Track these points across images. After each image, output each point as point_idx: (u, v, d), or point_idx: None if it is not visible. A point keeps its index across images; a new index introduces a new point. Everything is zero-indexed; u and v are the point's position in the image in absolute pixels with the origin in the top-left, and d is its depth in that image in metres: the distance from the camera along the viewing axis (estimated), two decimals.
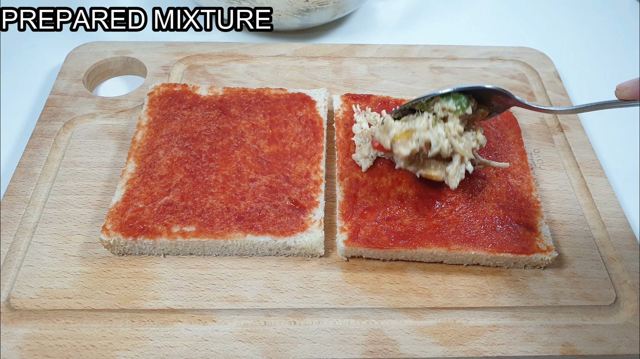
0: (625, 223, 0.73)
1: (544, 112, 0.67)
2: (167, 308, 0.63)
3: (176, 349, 0.60)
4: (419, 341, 0.61)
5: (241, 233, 0.66)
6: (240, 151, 0.74)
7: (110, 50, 0.93)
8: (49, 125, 0.81)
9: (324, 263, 0.68)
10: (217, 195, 0.69)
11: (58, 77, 0.89)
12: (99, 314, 0.62)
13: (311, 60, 0.95)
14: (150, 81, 0.89)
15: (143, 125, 0.78)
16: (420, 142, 0.66)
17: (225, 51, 0.95)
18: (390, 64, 0.95)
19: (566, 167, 0.80)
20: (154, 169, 0.72)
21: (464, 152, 0.66)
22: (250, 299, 0.64)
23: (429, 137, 0.65)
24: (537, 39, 1.07)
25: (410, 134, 0.66)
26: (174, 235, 0.65)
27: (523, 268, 0.68)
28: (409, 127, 0.67)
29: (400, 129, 0.67)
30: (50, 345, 0.59)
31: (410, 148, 0.66)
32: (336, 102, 0.83)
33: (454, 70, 0.94)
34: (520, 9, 1.17)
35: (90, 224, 0.70)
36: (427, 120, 0.66)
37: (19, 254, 0.67)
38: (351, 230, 0.67)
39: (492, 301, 0.65)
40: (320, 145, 0.76)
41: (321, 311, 0.63)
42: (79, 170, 0.76)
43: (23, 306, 0.62)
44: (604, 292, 0.66)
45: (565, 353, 0.61)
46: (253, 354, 0.60)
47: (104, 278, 0.65)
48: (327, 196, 0.74)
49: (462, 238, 0.66)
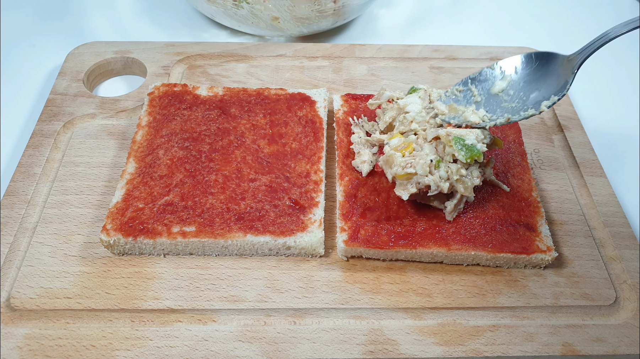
0: (625, 223, 0.73)
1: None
2: (167, 308, 0.63)
3: (176, 349, 0.60)
4: (419, 341, 0.61)
5: (241, 233, 0.66)
6: (240, 151, 0.74)
7: (110, 50, 0.93)
8: (49, 125, 0.81)
9: (324, 263, 0.68)
10: (217, 195, 0.69)
11: (58, 77, 0.89)
12: (99, 314, 0.62)
13: (311, 60, 0.95)
14: (150, 81, 0.89)
15: (143, 125, 0.78)
16: (421, 185, 0.65)
17: (225, 51, 0.95)
18: (390, 64, 0.95)
19: (566, 167, 0.80)
20: (154, 169, 0.72)
21: (465, 193, 0.66)
22: (250, 299, 0.64)
23: (430, 182, 0.65)
24: (537, 39, 1.07)
25: (411, 177, 0.65)
26: (174, 235, 0.65)
27: (523, 268, 0.68)
28: (410, 170, 0.65)
29: (401, 165, 0.66)
30: (50, 345, 0.59)
31: (409, 192, 0.66)
32: (336, 102, 0.83)
33: (454, 70, 0.94)
34: (521, 9, 1.17)
35: (90, 224, 0.70)
36: (429, 164, 0.65)
37: (19, 254, 0.67)
38: (351, 230, 0.67)
39: (492, 301, 0.65)
40: (320, 145, 0.76)
41: (321, 311, 0.63)
42: (79, 170, 0.76)
43: (23, 306, 0.62)
44: (604, 292, 0.66)
45: (565, 353, 0.61)
46: (253, 354, 0.60)
47: (104, 278, 0.65)
48: (327, 196, 0.74)
49: (462, 238, 0.66)
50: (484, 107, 0.69)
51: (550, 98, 0.65)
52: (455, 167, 0.65)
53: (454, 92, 0.71)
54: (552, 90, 0.65)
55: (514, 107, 0.67)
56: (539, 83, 0.67)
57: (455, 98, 0.71)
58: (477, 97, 0.70)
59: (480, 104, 0.70)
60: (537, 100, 0.66)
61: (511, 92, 0.68)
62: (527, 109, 0.65)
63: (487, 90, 0.70)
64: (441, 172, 0.65)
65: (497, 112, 0.68)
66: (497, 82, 0.69)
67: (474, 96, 0.70)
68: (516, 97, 0.68)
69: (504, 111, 0.68)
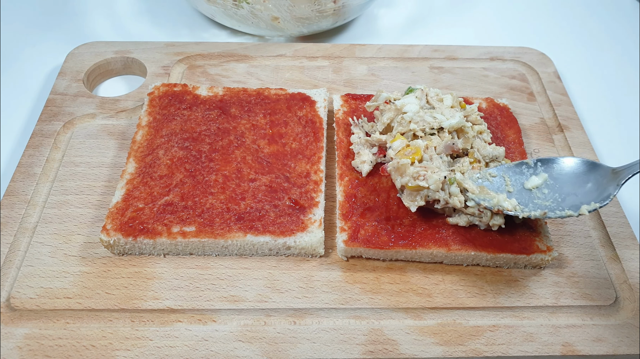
0: (625, 223, 0.73)
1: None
2: (167, 308, 0.63)
3: (176, 349, 0.60)
4: (419, 341, 0.61)
5: (241, 233, 0.66)
6: (240, 151, 0.74)
7: (110, 50, 0.93)
8: (49, 125, 0.81)
9: (324, 263, 0.68)
10: (217, 195, 0.69)
11: (58, 77, 0.89)
12: (99, 314, 0.62)
13: (311, 60, 0.95)
14: (150, 81, 0.89)
15: (143, 125, 0.78)
16: (430, 198, 0.65)
17: (225, 51, 0.95)
18: (390, 64, 0.95)
19: None
20: (154, 169, 0.72)
21: (472, 213, 0.66)
22: (250, 300, 0.64)
23: (439, 197, 0.65)
24: (537, 39, 1.07)
25: (422, 189, 0.65)
26: (174, 235, 0.65)
27: (523, 268, 0.68)
28: (422, 184, 0.64)
29: (413, 176, 0.65)
30: (50, 345, 0.59)
31: (417, 205, 0.65)
32: (336, 102, 0.83)
33: (454, 70, 0.94)
34: (520, 9, 1.17)
35: (90, 224, 0.70)
36: (442, 181, 0.64)
37: (19, 254, 0.67)
38: (351, 230, 0.67)
39: (492, 301, 0.65)
40: (320, 145, 0.76)
41: (321, 311, 0.63)
42: (79, 170, 0.76)
43: (23, 306, 0.62)
44: (604, 292, 0.66)
45: (565, 353, 0.61)
46: (253, 354, 0.60)
47: (104, 278, 0.65)
48: (327, 196, 0.74)
49: (462, 239, 0.66)
50: (515, 197, 0.67)
51: (591, 204, 0.62)
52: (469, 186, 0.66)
53: (487, 176, 0.69)
54: (591, 198, 0.63)
55: (547, 206, 0.65)
56: (577, 189, 0.65)
57: (488, 184, 0.68)
58: (509, 187, 0.68)
59: (512, 195, 0.67)
60: (574, 204, 0.63)
61: (545, 191, 0.66)
62: (563, 209, 0.63)
63: (521, 183, 0.68)
64: (452, 189, 0.65)
65: (529, 206, 0.66)
66: (533, 178, 0.68)
67: (507, 185, 0.68)
68: (550, 197, 0.66)
69: (536, 206, 0.65)
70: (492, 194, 0.66)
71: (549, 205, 0.65)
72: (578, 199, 0.64)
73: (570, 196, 0.65)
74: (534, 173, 0.68)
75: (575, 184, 0.66)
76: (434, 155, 0.69)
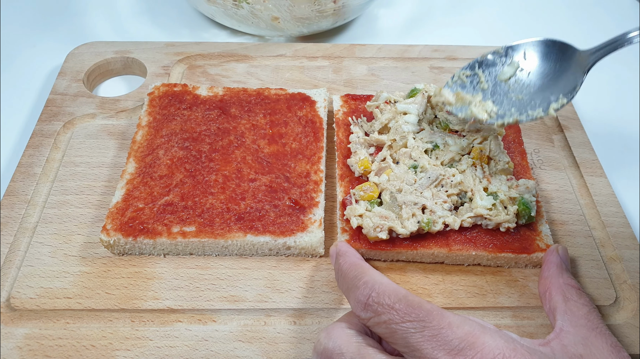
0: (625, 223, 0.73)
1: None
2: (167, 308, 0.63)
3: (176, 349, 0.60)
4: None
5: (241, 233, 0.66)
6: (240, 151, 0.74)
7: (110, 50, 0.93)
8: (49, 125, 0.81)
9: (324, 263, 0.68)
10: (217, 195, 0.69)
11: (58, 77, 0.89)
12: (99, 314, 0.62)
13: (311, 60, 0.95)
14: (150, 81, 0.89)
15: (143, 125, 0.78)
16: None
17: (225, 51, 0.95)
18: (390, 64, 0.95)
19: (566, 167, 0.80)
20: (154, 169, 0.72)
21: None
22: (250, 300, 0.64)
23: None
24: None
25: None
26: (174, 235, 0.65)
27: (524, 268, 0.68)
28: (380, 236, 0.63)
29: (372, 228, 0.63)
30: (50, 345, 0.59)
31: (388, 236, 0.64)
32: (336, 102, 0.83)
33: (454, 70, 0.94)
34: (520, 10, 1.17)
35: (90, 224, 0.70)
36: (412, 231, 0.64)
37: (19, 254, 0.67)
38: (352, 231, 0.67)
39: (492, 301, 0.65)
40: (320, 145, 0.76)
41: (321, 311, 0.63)
42: (79, 170, 0.76)
43: (23, 306, 0.62)
44: (604, 292, 0.66)
45: None
46: (253, 354, 0.60)
47: (104, 278, 0.65)
48: (327, 196, 0.74)
49: (463, 239, 0.66)
50: (490, 96, 0.68)
51: (559, 100, 0.63)
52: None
53: (461, 76, 0.71)
54: (562, 88, 0.63)
55: (521, 100, 0.65)
56: (549, 77, 0.66)
57: (462, 84, 0.70)
58: (484, 84, 0.69)
59: (487, 92, 0.68)
60: (546, 96, 0.64)
61: (520, 81, 0.67)
62: (535, 107, 0.63)
63: (495, 76, 0.69)
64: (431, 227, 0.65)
65: (503, 104, 0.67)
66: (506, 68, 0.68)
67: (481, 82, 0.69)
68: (524, 87, 0.67)
69: (510, 103, 0.66)
70: (467, 98, 0.66)
71: (522, 99, 0.65)
72: (550, 91, 0.64)
73: (542, 86, 0.65)
74: (506, 62, 0.68)
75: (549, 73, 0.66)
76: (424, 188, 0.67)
